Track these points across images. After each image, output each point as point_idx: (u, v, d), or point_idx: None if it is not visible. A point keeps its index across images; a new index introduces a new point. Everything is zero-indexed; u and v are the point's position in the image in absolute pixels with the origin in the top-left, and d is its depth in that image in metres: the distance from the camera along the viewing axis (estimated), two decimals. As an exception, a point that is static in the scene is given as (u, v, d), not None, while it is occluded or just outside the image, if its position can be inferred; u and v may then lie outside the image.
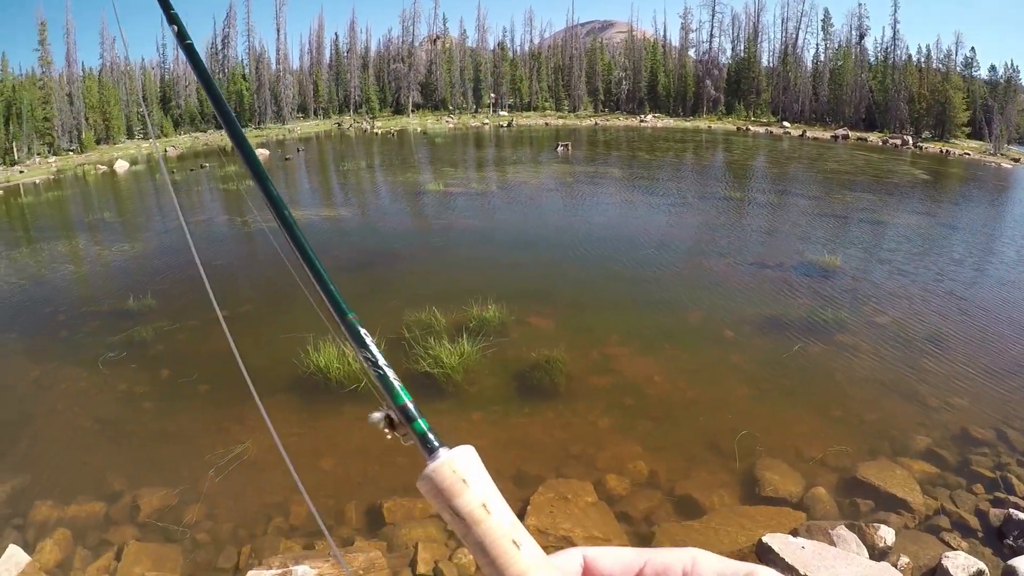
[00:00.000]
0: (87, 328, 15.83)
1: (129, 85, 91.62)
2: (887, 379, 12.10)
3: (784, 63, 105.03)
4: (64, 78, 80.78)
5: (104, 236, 27.35)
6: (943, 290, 17.77)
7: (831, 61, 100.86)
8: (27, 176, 55.61)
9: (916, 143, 72.22)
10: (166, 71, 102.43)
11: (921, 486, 8.82)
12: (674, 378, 12.25)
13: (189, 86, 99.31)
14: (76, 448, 10.64)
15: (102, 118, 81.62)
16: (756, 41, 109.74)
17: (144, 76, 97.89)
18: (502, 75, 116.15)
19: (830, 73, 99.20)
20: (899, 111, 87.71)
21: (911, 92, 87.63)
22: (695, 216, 28.25)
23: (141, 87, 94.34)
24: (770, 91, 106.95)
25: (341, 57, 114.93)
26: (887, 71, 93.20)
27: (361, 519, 8.57)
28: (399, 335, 13.64)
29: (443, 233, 25.16)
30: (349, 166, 48.85)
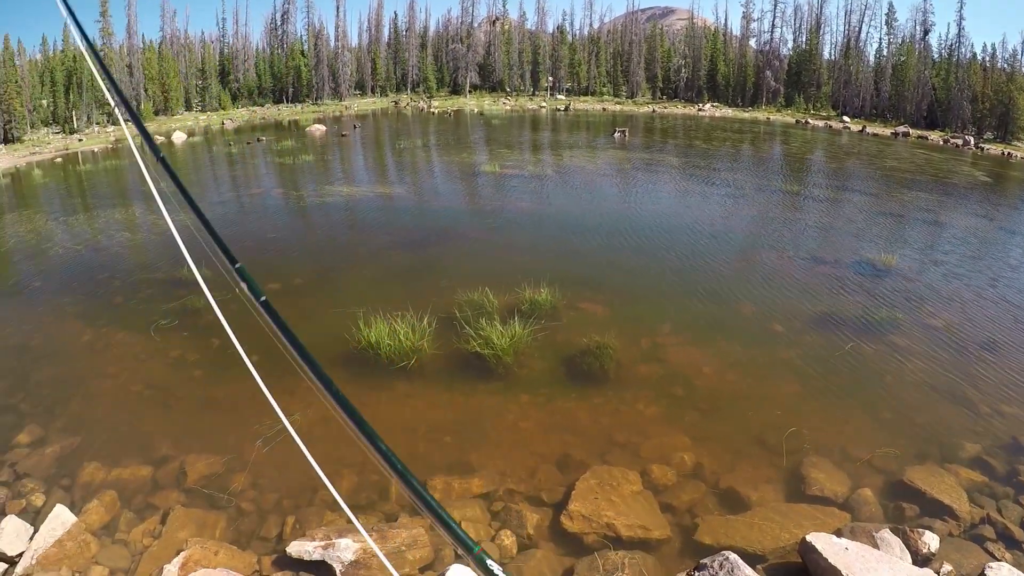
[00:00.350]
0: (141, 295, 16.09)
1: (188, 58, 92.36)
2: (939, 383, 11.95)
3: (846, 56, 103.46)
4: (124, 49, 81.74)
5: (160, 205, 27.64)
6: (999, 296, 17.45)
7: (894, 56, 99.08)
8: (86, 144, 56.29)
9: (977, 144, 70.73)
10: (226, 45, 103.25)
11: (968, 494, 8.70)
12: (723, 370, 12.22)
13: (248, 60, 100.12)
14: (126, 412, 10.83)
15: (161, 90, 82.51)
16: (818, 33, 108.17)
17: (204, 49, 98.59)
18: (560, 59, 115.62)
19: (892, 68, 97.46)
20: (961, 110, 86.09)
21: (974, 91, 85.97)
22: (751, 208, 28.02)
23: (201, 60, 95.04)
24: (831, 84, 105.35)
25: (400, 35, 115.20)
26: (951, 69, 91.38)
27: (405, 496, 8.62)
28: (451, 315, 13.72)
29: (497, 215, 25.20)
30: (405, 144, 48.95)
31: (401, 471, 1.34)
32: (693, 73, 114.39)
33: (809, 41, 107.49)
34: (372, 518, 8.19)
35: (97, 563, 7.48)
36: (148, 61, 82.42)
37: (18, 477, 9.04)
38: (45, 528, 7.60)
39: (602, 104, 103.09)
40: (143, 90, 79.01)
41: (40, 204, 29.91)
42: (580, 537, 7.86)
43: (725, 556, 6.84)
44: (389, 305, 13.60)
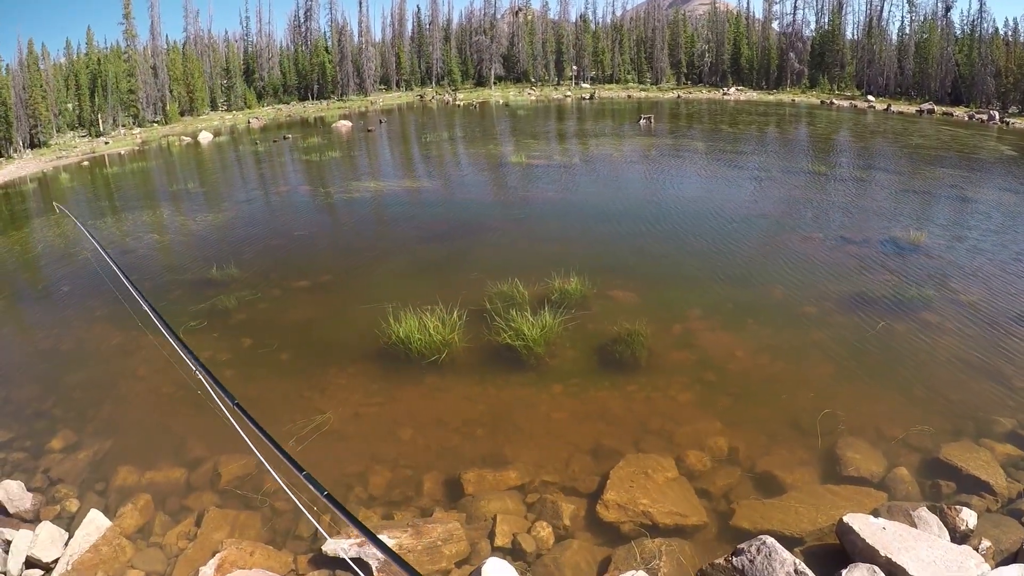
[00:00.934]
0: (171, 296, 16.24)
1: (213, 58, 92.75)
2: (972, 359, 11.86)
3: (869, 36, 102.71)
4: (149, 51, 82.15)
5: (188, 206, 27.93)
6: (1032, 270, 17.35)
7: (916, 34, 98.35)
8: (112, 147, 56.71)
9: (1003, 118, 70.14)
10: (249, 44, 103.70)
11: (1004, 469, 8.65)
12: (755, 354, 12.18)
13: (272, 58, 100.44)
14: (157, 414, 10.94)
15: (186, 90, 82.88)
16: (840, 13, 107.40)
17: (227, 49, 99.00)
18: (584, 47, 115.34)
19: (915, 46, 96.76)
20: (986, 85, 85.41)
21: (998, 66, 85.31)
22: (778, 190, 27.86)
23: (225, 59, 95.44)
24: (854, 64, 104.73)
25: (423, 29, 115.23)
26: (973, 44, 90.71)
27: (439, 490, 8.69)
28: (481, 307, 13.75)
29: (525, 205, 25.24)
30: (431, 138, 48.98)
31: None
32: (717, 57, 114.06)
33: (831, 21, 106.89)
34: (407, 513, 8.24)
35: (133, 567, 7.55)
36: (173, 62, 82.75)
37: (52, 483, 9.15)
38: (80, 533, 7.66)
39: (627, 91, 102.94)
40: (168, 91, 79.34)
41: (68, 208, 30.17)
42: (616, 526, 7.87)
43: (762, 540, 6.83)
44: (418, 299, 13.63)
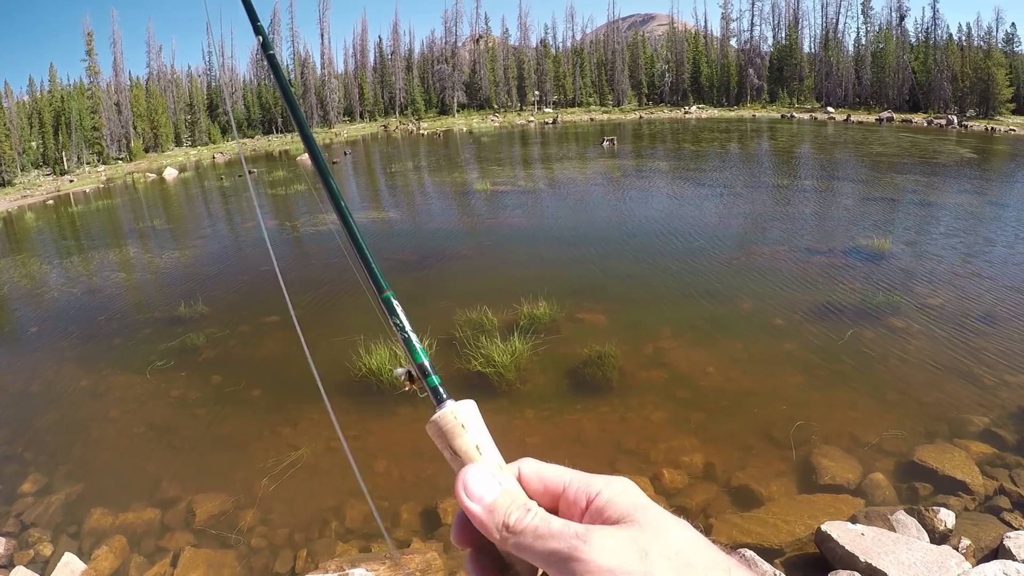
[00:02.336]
0: (140, 335, 16.09)
1: (176, 93, 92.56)
2: (942, 361, 12.01)
3: (826, 48, 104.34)
4: (112, 87, 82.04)
5: (155, 243, 27.75)
6: (996, 268, 17.57)
7: (872, 44, 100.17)
8: (77, 185, 56.54)
9: (961, 122, 71.39)
10: (213, 78, 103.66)
11: (980, 467, 8.75)
12: (727, 369, 12.21)
13: (235, 92, 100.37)
14: (130, 455, 10.82)
15: (150, 126, 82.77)
16: (797, 28, 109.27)
17: (191, 84, 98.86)
18: (545, 72, 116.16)
19: (872, 56, 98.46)
20: (943, 91, 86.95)
21: (954, 71, 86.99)
22: (743, 205, 28.09)
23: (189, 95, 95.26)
24: (813, 77, 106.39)
25: (385, 59, 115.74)
26: (929, 51, 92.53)
27: (417, 520, 8.62)
28: (450, 335, 13.71)
29: (491, 232, 25.22)
30: (396, 167, 49.02)
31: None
32: (677, 77, 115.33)
33: (788, 36, 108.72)
34: (384, 545, 8.16)
35: (109, 610, 7.49)
36: (136, 98, 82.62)
37: (24, 527, 9.02)
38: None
39: (589, 114, 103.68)
40: (132, 127, 79.10)
41: (34, 247, 30.01)
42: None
43: (742, 553, 6.85)
44: (387, 330, 13.58)
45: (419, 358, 1.24)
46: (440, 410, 1.09)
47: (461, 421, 1.07)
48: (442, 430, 1.08)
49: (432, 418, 1.09)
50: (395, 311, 1.33)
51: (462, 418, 1.08)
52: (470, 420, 1.08)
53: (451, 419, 1.07)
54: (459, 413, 1.08)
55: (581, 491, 0.94)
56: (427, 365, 1.22)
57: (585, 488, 0.94)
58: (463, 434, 1.07)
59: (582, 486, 0.95)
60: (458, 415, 1.08)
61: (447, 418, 1.08)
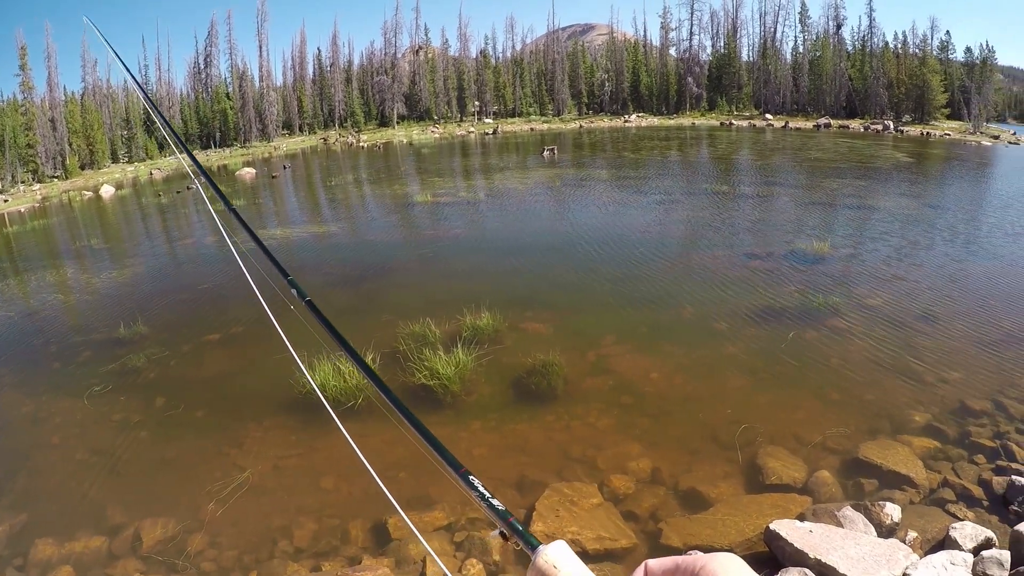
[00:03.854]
0: (79, 359, 15.75)
1: (112, 108, 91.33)
2: (883, 359, 12.22)
3: (764, 57, 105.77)
4: (47, 103, 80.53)
5: (92, 263, 27.27)
6: (932, 268, 18.00)
7: (810, 52, 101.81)
8: (11, 205, 55.36)
9: (897, 127, 73.00)
10: (149, 92, 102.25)
11: (923, 461, 8.92)
12: (670, 374, 12.27)
13: (173, 107, 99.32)
14: (74, 482, 10.56)
15: (86, 143, 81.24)
16: (735, 36, 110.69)
17: (127, 99, 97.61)
18: (485, 83, 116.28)
19: (809, 64, 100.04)
20: (879, 97, 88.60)
21: (890, 78, 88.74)
22: (683, 212, 28.32)
23: (125, 110, 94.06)
24: (751, 85, 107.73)
25: (324, 71, 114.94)
26: (865, 59, 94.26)
27: (366, 537, 8.53)
28: (394, 348, 13.60)
29: (433, 244, 25.15)
30: (336, 181, 48.75)
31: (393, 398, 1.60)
32: (617, 86, 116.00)
33: (727, 45, 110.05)
34: (335, 563, 8.06)
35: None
36: (71, 114, 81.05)
37: (-33, 562, 8.81)
38: (1, 611, 7.43)
39: (530, 124, 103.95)
40: (68, 144, 77.74)
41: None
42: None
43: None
44: (330, 345, 13.42)
45: (506, 517, 1.47)
46: (535, 558, 1.20)
47: (552, 563, 1.18)
48: (539, 574, 1.18)
49: (529, 566, 1.21)
50: (475, 485, 1.56)
51: (552, 560, 1.18)
52: (561, 560, 1.18)
53: (543, 563, 1.18)
54: (550, 556, 1.19)
55: (688, 565, 1.04)
56: (515, 522, 1.45)
57: (691, 563, 1.04)
58: (557, 574, 1.16)
59: (690, 562, 1.05)
60: (548, 558, 1.19)
61: (540, 563, 1.18)
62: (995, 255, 19.53)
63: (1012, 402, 10.44)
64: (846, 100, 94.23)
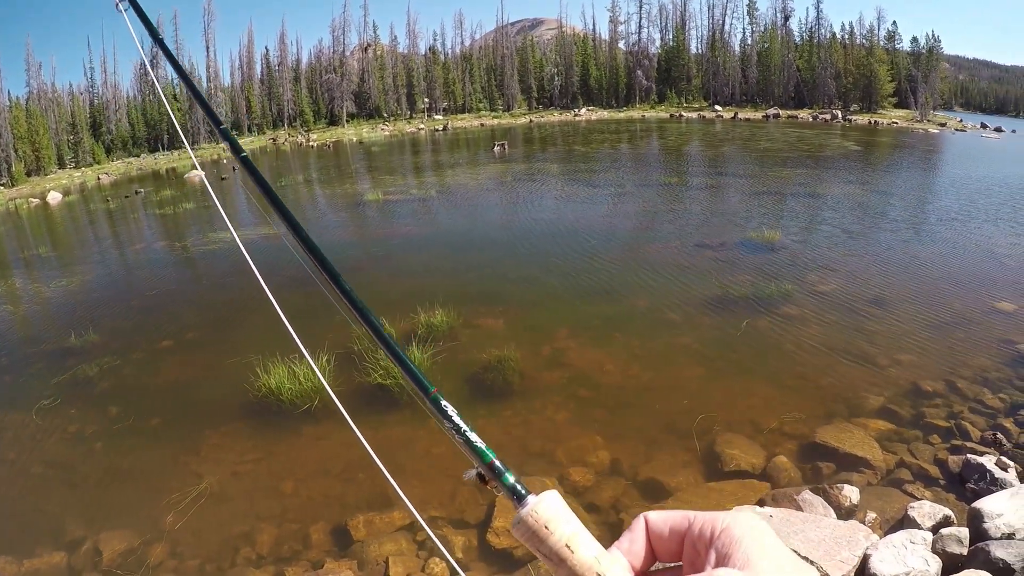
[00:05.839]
0: (31, 370, 15.48)
1: (58, 112, 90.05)
2: (836, 344, 12.35)
3: (713, 49, 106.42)
4: (-9, 108, 79.37)
5: (41, 272, 26.83)
6: (882, 254, 18.24)
7: (758, 44, 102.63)
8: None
9: (845, 116, 73.81)
10: (95, 96, 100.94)
11: (879, 443, 9.05)
12: (626, 366, 12.30)
13: (119, 110, 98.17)
14: (30, 496, 10.38)
15: (31, 149, 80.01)
16: (684, 29, 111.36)
17: (73, 102, 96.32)
18: (435, 79, 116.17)
19: (758, 56, 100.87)
20: (827, 87, 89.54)
21: (837, 68, 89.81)
22: (634, 204, 28.47)
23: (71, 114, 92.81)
24: (700, 77, 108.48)
25: (272, 71, 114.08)
26: (813, 50, 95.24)
27: (328, 540, 8.46)
28: (349, 349, 13.50)
29: (384, 242, 25.05)
30: (286, 181, 48.31)
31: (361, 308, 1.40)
32: (566, 80, 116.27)
33: (676, 38, 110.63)
34: (298, 568, 7.99)
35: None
36: (16, 120, 79.72)
37: (-77, 582, 8.65)
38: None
39: (480, 120, 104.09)
40: (13, 151, 76.43)
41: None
42: (509, 552, 7.78)
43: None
44: (285, 348, 13.30)
45: (487, 457, 1.18)
46: (521, 511, 1.01)
47: (544, 522, 0.99)
48: (527, 534, 1.00)
49: (515, 519, 1.01)
50: (447, 413, 1.26)
51: (544, 518, 0.99)
52: (554, 517, 0.99)
53: (532, 522, 0.99)
54: (542, 511, 1.00)
55: (707, 524, 0.92)
56: (498, 464, 1.16)
57: (710, 521, 0.92)
58: (549, 536, 0.98)
59: (707, 520, 0.92)
60: (539, 515, 0.99)
61: (530, 519, 0.99)
62: (942, 239, 19.88)
63: (964, 382, 10.63)
64: (795, 91, 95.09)
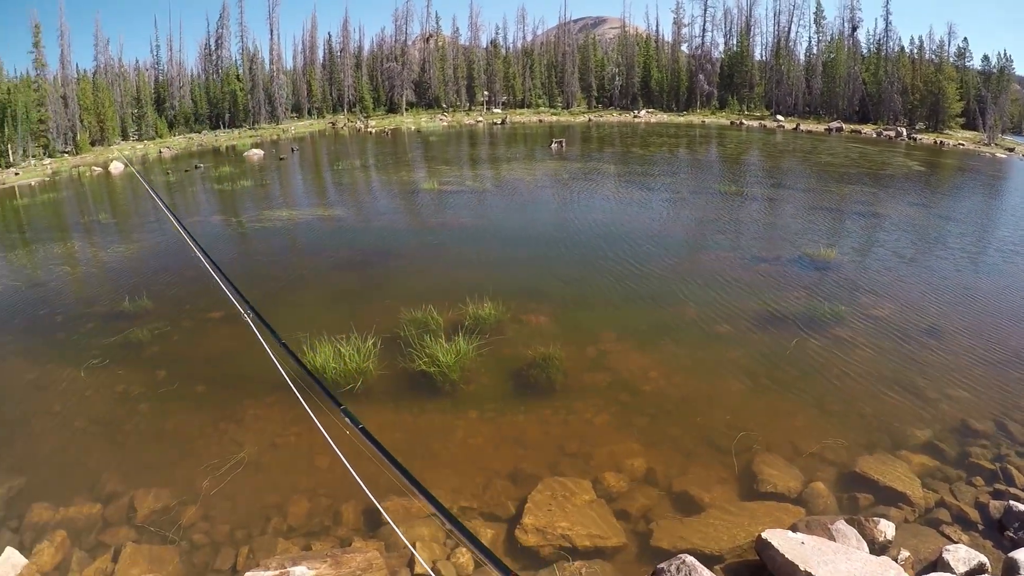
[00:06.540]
0: (83, 330, 15.76)
1: (123, 87, 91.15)
2: (885, 372, 12.10)
3: (777, 57, 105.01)
4: (59, 80, 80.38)
5: (100, 238, 27.24)
6: (941, 282, 17.82)
7: (824, 54, 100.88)
8: (22, 178, 55.32)
9: (910, 134, 72.44)
10: (160, 72, 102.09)
11: (921, 479, 8.82)
12: (670, 374, 12.22)
13: (183, 87, 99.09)
14: (73, 449, 10.59)
15: (96, 120, 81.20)
16: (749, 35, 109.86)
17: (138, 78, 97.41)
18: (495, 73, 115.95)
19: (823, 66, 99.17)
20: (893, 103, 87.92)
21: (904, 84, 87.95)
22: (689, 211, 28.24)
23: (136, 88, 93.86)
24: (763, 85, 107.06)
25: (335, 56, 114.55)
26: (880, 63, 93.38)
27: (358, 518, 8.52)
28: (395, 334, 13.59)
29: (438, 231, 25.12)
30: (343, 165, 48.58)
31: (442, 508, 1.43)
32: (627, 80, 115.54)
33: (740, 43, 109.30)
34: (326, 543, 8.05)
35: (50, 605, 7.34)
36: (83, 91, 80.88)
37: (-34, 521, 8.80)
38: (-4, 572, 7.42)
39: (538, 116, 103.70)
40: (79, 121, 77.58)
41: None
42: (536, 550, 7.79)
43: (682, 559, 6.82)
44: (333, 327, 13.44)
45: None
46: None
47: None
48: None
49: None
50: None
51: None
52: None
53: None
54: None
55: None
56: None
57: None
58: None
59: None
60: None
61: None
62: (1004, 272, 19.30)
63: (1015, 424, 10.33)
64: (859, 104, 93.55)
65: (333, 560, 7.37)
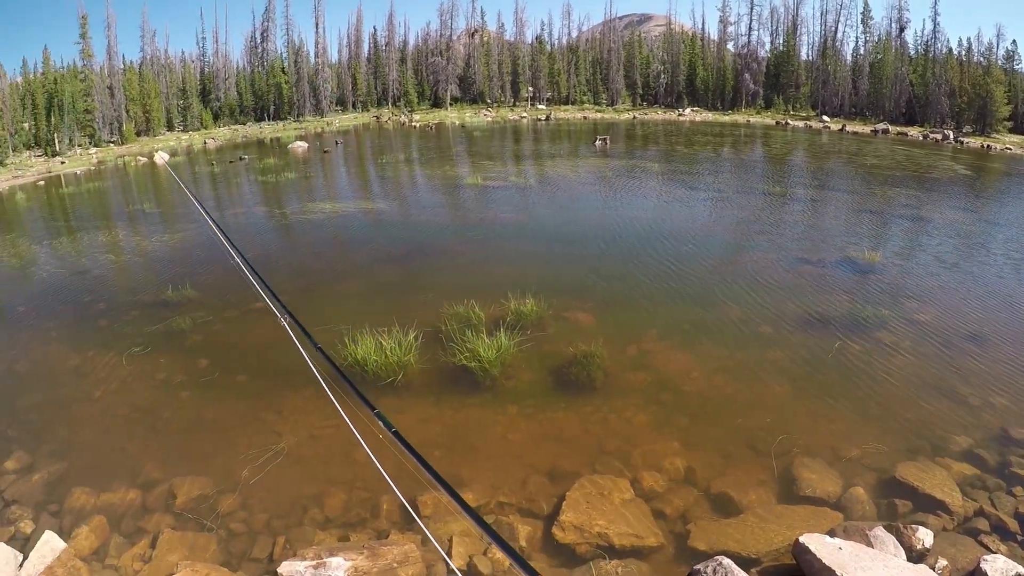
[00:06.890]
0: (126, 317, 15.97)
1: (169, 78, 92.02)
2: (927, 378, 11.99)
3: (823, 56, 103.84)
4: (105, 71, 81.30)
5: (144, 227, 27.53)
6: (985, 288, 17.55)
7: (871, 54, 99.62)
8: (68, 167, 55.99)
9: (957, 138, 71.43)
10: (206, 64, 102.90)
11: (960, 487, 8.71)
12: (711, 374, 12.18)
13: (228, 79, 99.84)
14: (113, 436, 10.74)
15: (142, 110, 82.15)
16: (795, 34, 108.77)
17: (184, 69, 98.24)
18: (540, 69, 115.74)
19: (870, 67, 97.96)
20: (940, 105, 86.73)
21: (952, 86, 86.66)
22: (734, 211, 28.09)
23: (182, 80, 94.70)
24: (809, 85, 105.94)
25: (380, 50, 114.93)
26: (927, 65, 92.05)
27: (396, 511, 8.58)
28: (437, 328, 13.67)
29: (481, 226, 25.15)
30: (387, 159, 48.81)
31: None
32: (672, 78, 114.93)
33: (786, 42, 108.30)
34: (363, 535, 8.13)
35: (88, 589, 7.44)
36: (129, 82, 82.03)
37: (6, 504, 8.94)
38: (35, 555, 7.52)
39: (583, 112, 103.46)
40: (125, 111, 78.56)
41: (23, 227, 29.67)
42: (572, 548, 7.82)
43: (719, 561, 6.82)
44: (375, 320, 13.53)
45: None
46: None
47: None
48: None
49: None
50: None
51: None
52: None
53: None
54: None
55: None
56: None
57: None
58: None
59: None
60: None
61: None
62: (1050, 281, 18.96)
63: (1058, 435, 10.20)
64: (906, 106, 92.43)
65: (370, 552, 7.44)
